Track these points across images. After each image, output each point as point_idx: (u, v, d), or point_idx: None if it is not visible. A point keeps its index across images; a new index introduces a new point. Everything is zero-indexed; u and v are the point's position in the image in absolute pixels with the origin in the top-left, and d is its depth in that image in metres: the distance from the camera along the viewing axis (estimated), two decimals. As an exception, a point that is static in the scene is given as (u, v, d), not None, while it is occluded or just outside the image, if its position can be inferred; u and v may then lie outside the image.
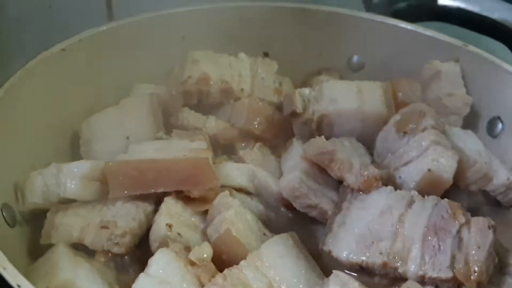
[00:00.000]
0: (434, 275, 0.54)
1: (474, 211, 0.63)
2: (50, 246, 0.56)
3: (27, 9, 0.78)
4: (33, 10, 0.78)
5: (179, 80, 0.73)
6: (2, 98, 0.60)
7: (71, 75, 0.69)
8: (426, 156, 0.62)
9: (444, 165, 0.61)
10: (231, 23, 0.80)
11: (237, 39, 0.79)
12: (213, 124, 0.71)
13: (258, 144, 0.70)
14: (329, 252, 0.57)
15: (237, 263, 0.53)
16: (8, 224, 0.58)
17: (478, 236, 0.55)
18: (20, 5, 0.77)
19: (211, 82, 0.73)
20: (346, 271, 0.56)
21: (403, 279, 0.55)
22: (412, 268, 0.54)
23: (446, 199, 0.59)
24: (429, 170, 0.61)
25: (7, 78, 0.63)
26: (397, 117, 0.68)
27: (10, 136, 0.61)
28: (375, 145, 0.69)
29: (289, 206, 0.64)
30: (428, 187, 0.61)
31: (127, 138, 0.68)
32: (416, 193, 0.59)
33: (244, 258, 0.54)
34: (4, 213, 0.57)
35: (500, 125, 0.74)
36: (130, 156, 0.63)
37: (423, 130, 0.64)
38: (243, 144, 0.70)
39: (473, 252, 0.54)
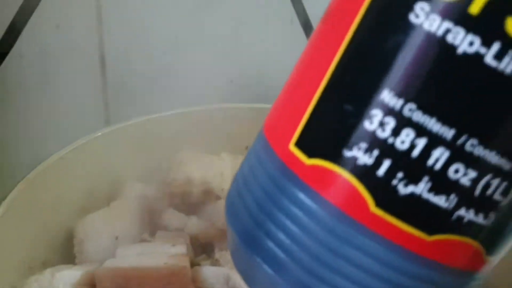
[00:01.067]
0: None
1: None
2: None
3: (27, 115, 0.86)
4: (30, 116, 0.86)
5: (165, 182, 0.80)
6: (3, 214, 0.68)
7: (67, 180, 0.77)
8: None
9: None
10: (217, 123, 0.88)
11: (222, 137, 0.87)
12: (194, 224, 0.78)
13: (235, 244, 0.77)
14: None
15: None
16: (6, 328, 0.65)
17: None
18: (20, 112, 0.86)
19: (194, 183, 0.80)
20: None
21: None
22: None
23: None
24: None
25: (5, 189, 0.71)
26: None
27: (8, 245, 0.68)
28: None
29: (260, 308, 0.71)
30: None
31: (116, 238, 0.75)
32: None
33: None
34: (1, 318, 0.64)
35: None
36: (117, 262, 0.70)
37: None
38: (221, 244, 0.77)
39: None
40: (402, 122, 0.33)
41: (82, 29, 0.85)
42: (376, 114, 0.33)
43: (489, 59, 0.30)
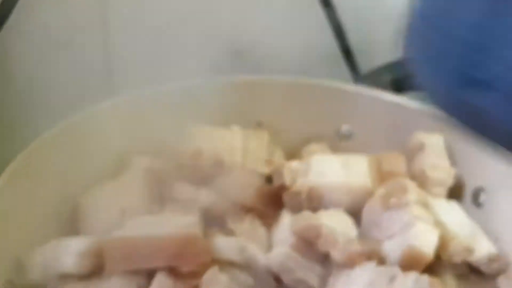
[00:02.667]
0: None
1: (462, 280, 0.65)
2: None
3: (34, 85, 0.83)
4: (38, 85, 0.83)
5: (174, 154, 0.77)
6: (3, 186, 0.64)
7: (72, 151, 0.73)
8: (407, 231, 0.65)
9: (425, 240, 0.64)
10: (225, 96, 0.84)
11: (231, 111, 0.84)
12: (205, 197, 0.74)
13: (248, 216, 0.73)
14: (316, 326, 0.60)
15: None
16: (8, 300, 0.61)
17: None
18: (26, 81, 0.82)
19: (204, 156, 0.77)
20: None
21: None
22: None
23: (425, 276, 0.61)
24: (409, 246, 0.63)
25: (10, 157, 0.67)
26: (381, 190, 0.71)
27: (12, 217, 0.65)
28: (362, 217, 0.72)
29: (279, 280, 0.66)
30: (409, 262, 0.63)
31: (123, 211, 0.71)
32: (398, 269, 0.62)
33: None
34: (5, 290, 0.60)
35: (483, 195, 0.77)
36: (125, 232, 0.66)
37: (406, 204, 0.67)
38: (234, 216, 0.73)
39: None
40: None
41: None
42: None
43: None
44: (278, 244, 0.68)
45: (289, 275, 0.65)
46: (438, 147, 0.78)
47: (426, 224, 0.65)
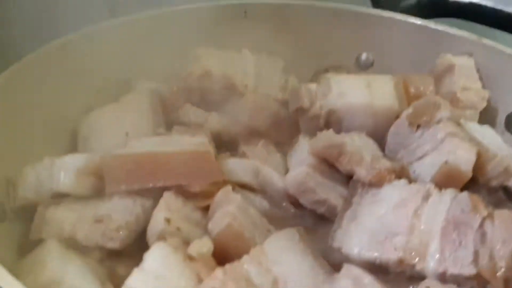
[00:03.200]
0: (456, 271, 0.49)
1: (496, 209, 0.59)
2: (41, 242, 0.53)
3: (30, 4, 0.76)
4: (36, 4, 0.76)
5: (180, 76, 0.70)
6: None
7: (70, 71, 0.66)
8: (442, 148, 0.58)
9: (462, 157, 0.57)
10: (235, 20, 0.78)
11: (241, 36, 0.77)
12: (215, 120, 0.68)
13: (262, 141, 0.67)
14: (339, 249, 0.53)
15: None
16: (-3, 219, 0.55)
17: (503, 230, 0.51)
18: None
19: (214, 79, 0.70)
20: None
21: (421, 277, 0.51)
22: (431, 264, 0.50)
23: (465, 192, 0.55)
24: (446, 162, 0.57)
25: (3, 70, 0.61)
26: (409, 110, 0.64)
27: (3, 131, 0.58)
28: (386, 141, 0.65)
29: (296, 202, 0.60)
30: (445, 181, 0.57)
31: (126, 134, 0.65)
32: (433, 185, 0.55)
33: (247, 254, 0.50)
34: (-7, 208, 0.54)
35: (518, 121, 0.71)
36: (128, 150, 0.59)
37: (438, 122, 0.61)
38: (247, 141, 0.67)
39: (498, 247, 0.50)
40: None
41: None
42: None
43: None
44: (295, 167, 0.61)
45: (309, 196, 0.58)
46: (468, 68, 0.72)
47: (462, 141, 0.58)
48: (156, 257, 0.47)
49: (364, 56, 0.80)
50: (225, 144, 0.67)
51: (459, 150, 0.57)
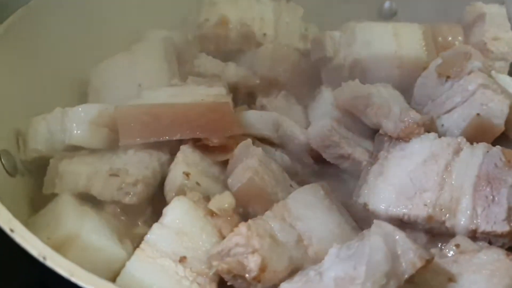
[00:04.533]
0: (488, 229, 0.47)
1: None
2: (54, 196, 0.51)
3: None
4: None
5: (195, 23, 0.67)
6: (2, 36, 0.54)
7: (79, 18, 0.63)
8: (473, 100, 0.55)
9: (494, 109, 0.54)
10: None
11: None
12: (233, 71, 0.64)
13: (282, 93, 0.64)
14: (365, 204, 0.51)
15: (262, 215, 0.47)
16: (8, 173, 0.52)
17: (538, 185, 0.48)
18: None
19: (230, 26, 0.66)
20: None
21: (451, 234, 0.49)
22: (462, 221, 0.48)
23: (498, 146, 0.52)
24: (477, 115, 0.54)
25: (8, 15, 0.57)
26: (438, 61, 0.60)
27: (11, 79, 0.55)
28: (413, 93, 0.62)
29: (318, 157, 0.58)
30: (476, 134, 0.54)
31: (139, 85, 0.62)
32: (464, 139, 0.52)
33: (270, 209, 0.48)
34: (3, 161, 0.52)
35: (551, 74, 0.67)
36: (142, 101, 0.57)
37: (469, 73, 0.57)
38: (266, 93, 0.64)
39: (533, 203, 0.48)
40: None
41: None
42: None
43: None
44: (318, 120, 0.58)
45: (332, 151, 0.56)
46: (500, 17, 0.67)
47: (495, 93, 0.55)
48: (176, 212, 0.45)
49: (387, 4, 0.76)
50: (242, 96, 0.65)
51: (491, 103, 0.54)
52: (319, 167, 0.58)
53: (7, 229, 0.39)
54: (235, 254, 0.42)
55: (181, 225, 0.45)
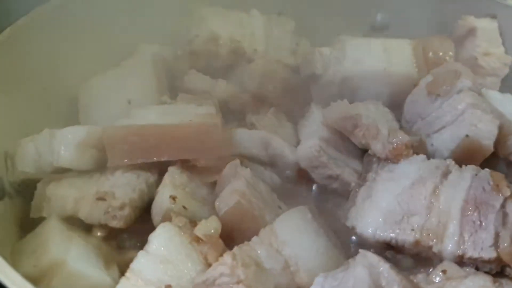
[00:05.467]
0: (475, 255, 0.47)
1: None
2: (43, 218, 0.51)
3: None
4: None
5: (185, 39, 0.66)
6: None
7: (69, 33, 0.62)
8: (462, 120, 0.55)
9: (484, 130, 0.54)
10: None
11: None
12: (223, 88, 0.64)
13: (272, 110, 0.64)
14: (353, 228, 0.51)
15: (248, 240, 0.47)
16: (-4, 195, 0.52)
17: (526, 211, 0.48)
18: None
19: (221, 42, 0.66)
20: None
21: (438, 258, 0.49)
22: (449, 246, 0.48)
23: (487, 169, 0.52)
24: (466, 136, 0.54)
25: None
26: (428, 78, 0.60)
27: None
28: (403, 110, 0.62)
29: (307, 177, 0.58)
30: (465, 156, 0.54)
31: (129, 102, 0.62)
32: (453, 162, 0.52)
33: (257, 233, 0.48)
34: (-9, 184, 0.52)
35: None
36: (131, 121, 0.56)
37: (459, 92, 0.57)
38: (255, 110, 0.64)
39: (520, 229, 0.48)
40: None
41: None
42: None
43: None
44: (306, 139, 0.58)
45: (321, 171, 0.56)
46: (491, 31, 0.67)
47: (484, 113, 0.55)
48: (162, 239, 0.45)
49: (379, 17, 0.76)
50: (232, 113, 0.64)
51: (480, 123, 0.54)
52: (310, 188, 0.58)
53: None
54: (220, 284, 0.42)
55: (166, 252, 0.44)
